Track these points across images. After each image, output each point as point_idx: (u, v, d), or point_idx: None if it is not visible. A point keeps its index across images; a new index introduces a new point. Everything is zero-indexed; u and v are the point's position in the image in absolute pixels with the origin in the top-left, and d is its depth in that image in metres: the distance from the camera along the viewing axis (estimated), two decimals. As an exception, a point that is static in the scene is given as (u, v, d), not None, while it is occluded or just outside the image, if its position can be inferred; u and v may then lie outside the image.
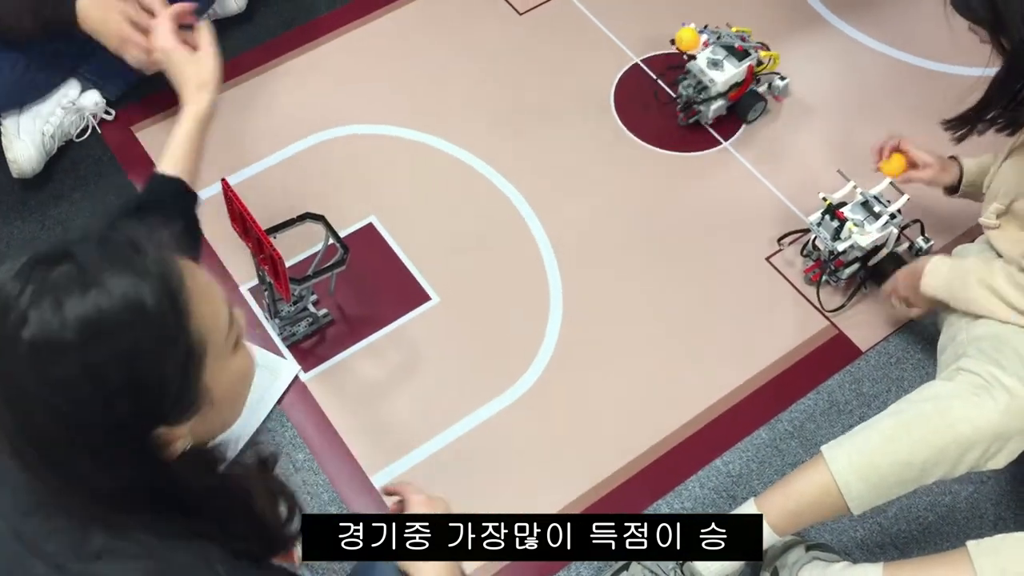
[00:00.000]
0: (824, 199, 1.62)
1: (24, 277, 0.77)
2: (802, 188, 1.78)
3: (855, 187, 1.63)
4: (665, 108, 1.88)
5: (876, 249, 1.61)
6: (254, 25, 1.98)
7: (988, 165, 1.51)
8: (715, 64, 1.76)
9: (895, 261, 1.63)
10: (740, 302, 1.67)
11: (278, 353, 1.60)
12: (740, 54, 1.78)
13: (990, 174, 1.47)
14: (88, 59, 1.75)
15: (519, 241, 1.73)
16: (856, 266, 1.63)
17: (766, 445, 1.54)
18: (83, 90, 1.79)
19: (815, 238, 1.64)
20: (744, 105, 1.85)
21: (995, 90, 1.31)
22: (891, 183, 1.62)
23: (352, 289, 1.66)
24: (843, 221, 1.58)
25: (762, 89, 1.86)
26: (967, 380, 1.26)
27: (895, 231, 1.60)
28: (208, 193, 1.73)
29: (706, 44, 1.79)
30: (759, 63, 1.82)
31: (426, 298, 1.66)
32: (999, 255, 1.41)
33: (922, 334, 1.63)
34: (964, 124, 1.37)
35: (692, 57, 1.79)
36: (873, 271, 1.64)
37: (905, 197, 1.61)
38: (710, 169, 1.82)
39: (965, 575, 1.19)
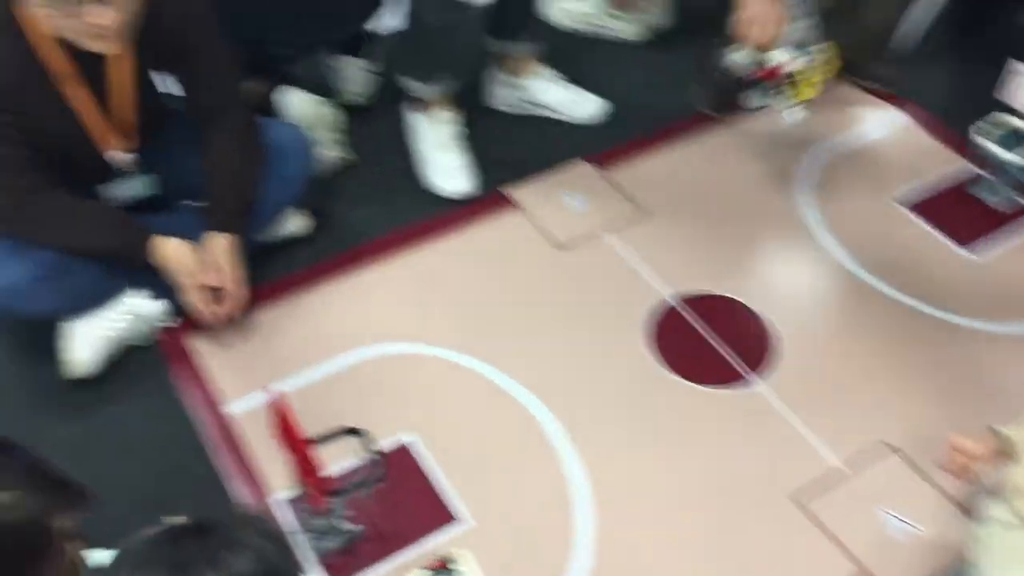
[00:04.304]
0: None
1: (171, 547, 0.85)
2: (836, 430, 1.80)
3: None
4: (703, 347, 1.96)
5: None
6: (314, 247, 2.11)
7: None
8: None
9: None
10: (765, 548, 1.65)
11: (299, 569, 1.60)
12: None
13: None
14: (156, 273, 1.85)
15: (551, 470, 1.75)
16: None
17: None
18: (147, 298, 1.89)
19: None
20: None
21: None
22: None
23: (384, 506, 1.67)
24: None
25: None
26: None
27: None
28: (258, 399, 1.81)
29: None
30: None
31: (456, 520, 1.67)
32: None
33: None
34: None
35: None
36: None
37: None
38: (741, 405, 1.86)
39: None
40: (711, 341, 1.97)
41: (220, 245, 1.83)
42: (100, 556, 1.30)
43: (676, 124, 2.43)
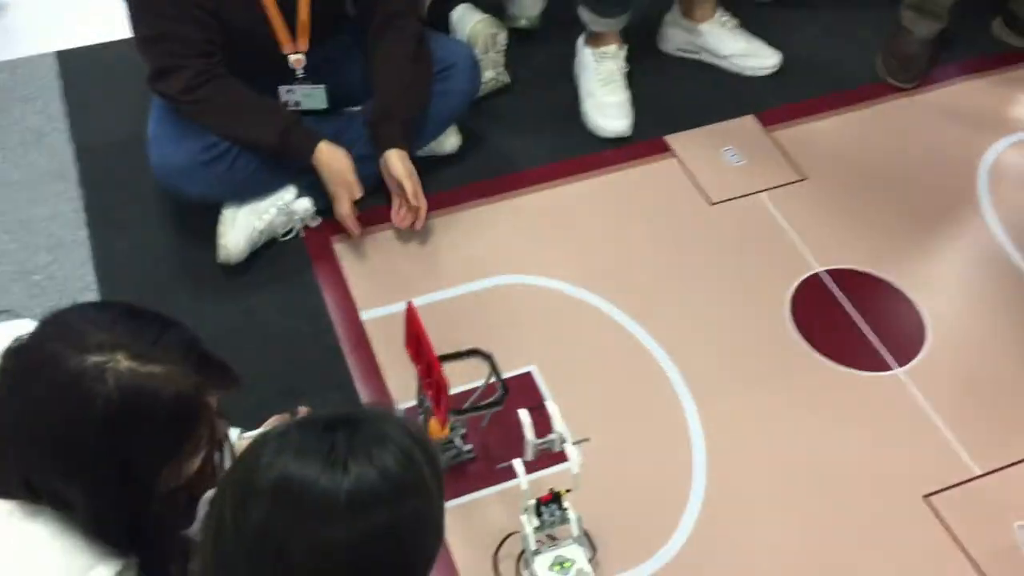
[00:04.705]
0: None
1: (323, 436, 0.85)
2: (980, 436, 1.71)
3: None
4: (847, 325, 1.88)
5: None
6: (461, 167, 2.11)
7: None
8: None
9: None
10: (894, 548, 1.59)
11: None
12: None
13: None
14: (309, 171, 1.89)
15: (669, 420, 1.73)
16: None
17: None
18: (298, 196, 1.94)
19: None
20: None
21: None
22: None
23: (499, 432, 1.68)
24: None
25: None
26: None
27: None
28: (392, 310, 1.84)
29: None
30: None
31: (565, 458, 1.67)
32: None
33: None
34: None
35: None
36: None
37: None
38: (879, 393, 1.78)
39: None
40: (856, 320, 1.89)
41: (395, 158, 1.85)
42: (231, 433, 1.36)
43: (852, 88, 2.30)
